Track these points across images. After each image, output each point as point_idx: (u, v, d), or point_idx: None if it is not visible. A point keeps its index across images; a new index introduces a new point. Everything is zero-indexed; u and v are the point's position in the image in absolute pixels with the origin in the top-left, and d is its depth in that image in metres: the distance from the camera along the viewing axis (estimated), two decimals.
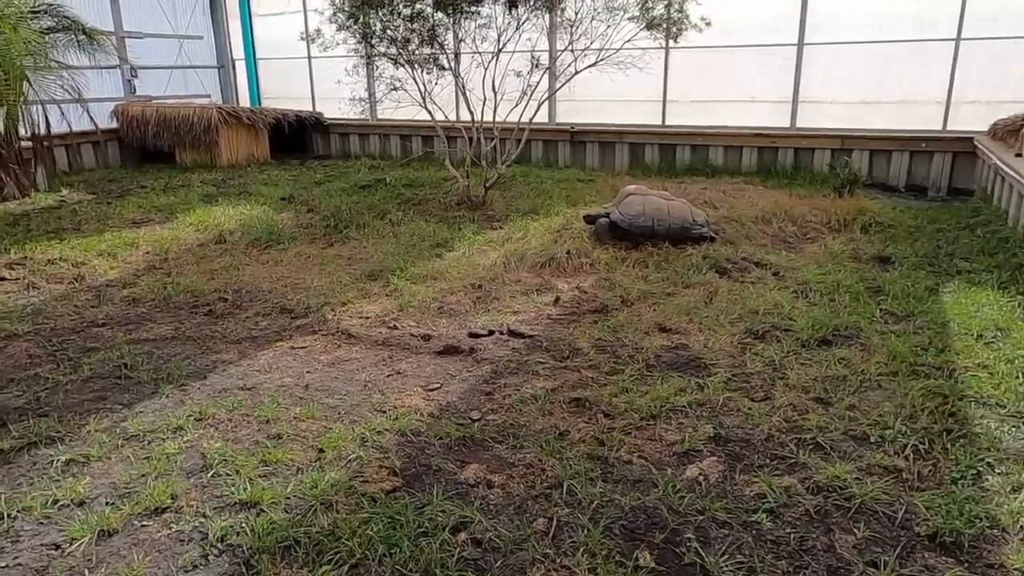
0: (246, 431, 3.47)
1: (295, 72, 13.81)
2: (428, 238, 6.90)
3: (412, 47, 8.35)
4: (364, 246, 6.81)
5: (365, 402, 3.77)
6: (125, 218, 8.16)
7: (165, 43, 13.20)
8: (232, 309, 5.25)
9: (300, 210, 8.38)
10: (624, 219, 6.04)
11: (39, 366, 4.28)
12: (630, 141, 10.74)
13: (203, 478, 3.06)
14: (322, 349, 4.50)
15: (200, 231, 7.48)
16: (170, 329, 4.87)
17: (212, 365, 4.27)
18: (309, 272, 6.06)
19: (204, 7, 13.96)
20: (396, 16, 8.21)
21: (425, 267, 5.99)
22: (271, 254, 6.64)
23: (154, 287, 5.72)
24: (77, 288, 5.82)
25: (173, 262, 6.46)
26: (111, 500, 2.92)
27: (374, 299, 5.38)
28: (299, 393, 3.88)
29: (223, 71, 14.48)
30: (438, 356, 4.37)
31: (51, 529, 2.76)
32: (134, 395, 3.89)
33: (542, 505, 2.86)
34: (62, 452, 3.29)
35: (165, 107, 12.00)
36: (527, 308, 5.11)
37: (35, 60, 7.34)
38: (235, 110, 12.03)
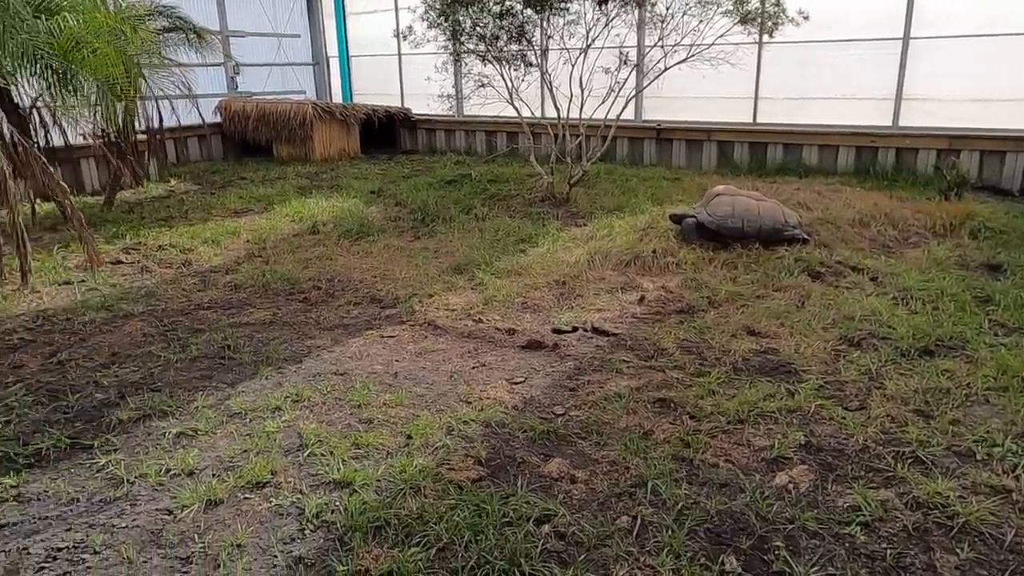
0: (339, 414, 3.63)
1: (385, 69, 14.19)
2: (512, 234, 6.97)
3: (500, 44, 8.44)
4: (450, 240, 6.95)
5: (451, 392, 3.86)
6: (227, 208, 8.62)
7: (265, 41, 13.82)
8: (325, 297, 5.47)
9: (388, 203, 8.62)
10: (712, 220, 5.92)
11: (152, 344, 4.60)
12: (719, 139, 10.48)
13: (300, 456, 3.22)
14: (410, 339, 4.64)
15: (295, 222, 7.82)
16: (268, 314, 5.13)
17: (307, 350, 4.47)
18: (397, 264, 6.24)
19: (302, 7, 14.53)
20: (485, 13, 8.31)
21: (509, 262, 6.06)
22: (361, 246, 6.87)
23: (254, 274, 6.02)
24: (185, 273, 6.20)
25: (271, 251, 6.78)
26: (217, 472, 3.12)
27: (459, 292, 5.49)
28: (388, 380, 4.01)
29: (318, 68, 15.04)
30: (522, 350, 4.42)
31: (164, 495, 2.97)
32: (236, 375, 4.12)
33: (626, 503, 2.86)
34: (173, 425, 3.53)
35: (264, 103, 12.58)
36: (611, 306, 5.09)
37: (150, 58, 7.84)
38: (329, 106, 12.48)
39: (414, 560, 2.51)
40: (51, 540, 2.71)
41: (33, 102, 7.02)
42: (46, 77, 5.10)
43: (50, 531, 2.77)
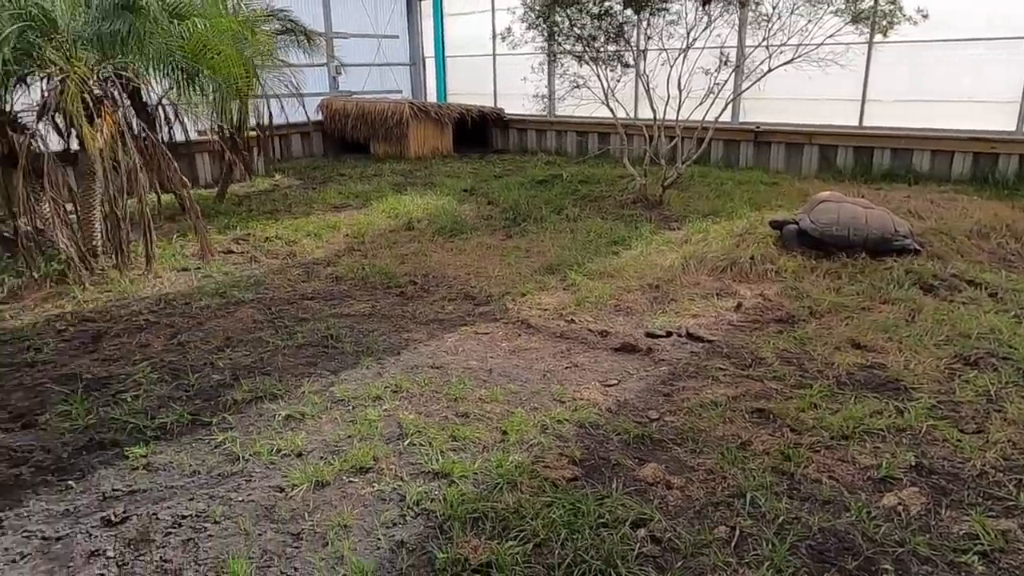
0: (436, 406, 3.73)
1: (479, 69, 14.41)
2: (604, 235, 6.95)
3: (598, 44, 8.43)
4: (541, 240, 7.00)
5: (545, 391, 3.90)
6: (327, 203, 8.98)
7: (366, 42, 14.29)
8: (421, 292, 5.63)
9: (481, 202, 8.77)
10: (815, 227, 5.71)
11: (261, 330, 4.86)
12: (820, 143, 10.08)
13: (400, 445, 3.34)
14: (503, 336, 4.71)
15: (391, 218, 8.07)
16: (367, 307, 5.33)
17: (404, 343, 4.62)
18: (490, 262, 6.34)
19: (402, 8, 14.94)
20: (584, 14, 8.32)
21: (602, 264, 6.05)
22: (455, 243, 7.02)
23: (353, 267, 6.26)
24: (289, 264, 6.52)
25: (369, 245, 7.03)
26: (323, 455, 3.28)
27: (551, 292, 5.52)
28: (483, 376, 4.09)
29: (414, 68, 15.43)
30: (615, 353, 4.41)
31: (276, 474, 3.15)
32: (339, 364, 4.31)
33: (723, 513, 2.82)
34: (282, 408, 3.73)
35: (363, 102, 13.02)
36: (706, 312, 5.01)
37: (264, 59, 8.27)
38: (424, 106, 12.79)
39: (511, 553, 2.56)
40: (176, 508, 2.93)
41: (159, 100, 7.54)
42: (174, 77, 5.48)
43: (175, 499, 2.99)
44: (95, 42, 5.06)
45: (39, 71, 5.47)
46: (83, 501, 2.99)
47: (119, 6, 4.98)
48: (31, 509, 2.95)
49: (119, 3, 4.99)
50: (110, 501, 2.99)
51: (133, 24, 4.92)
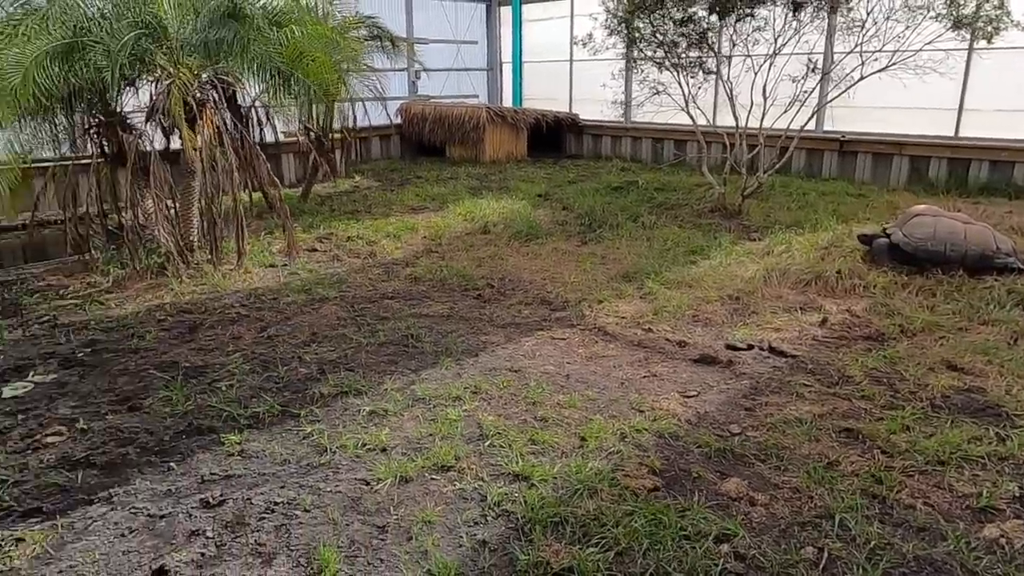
0: (515, 409, 3.77)
1: (555, 74, 14.46)
2: (682, 244, 6.86)
3: (679, 50, 8.33)
4: (617, 247, 6.96)
5: (623, 399, 3.88)
6: (405, 205, 9.19)
7: (445, 47, 14.55)
8: (497, 296, 5.69)
9: (555, 207, 8.79)
10: (909, 241, 5.47)
11: (345, 327, 5.02)
12: (911, 154, 9.66)
13: (480, 446, 3.40)
14: (580, 343, 4.72)
15: (468, 221, 8.18)
16: (445, 308, 5.43)
17: (482, 345, 4.69)
18: (565, 268, 6.35)
19: (481, 15, 15.15)
20: (667, 20, 8.24)
21: (679, 273, 5.97)
22: (530, 247, 7.07)
23: (431, 269, 6.39)
24: (370, 263, 6.70)
25: (446, 247, 7.16)
26: (406, 452, 3.36)
27: (628, 300, 5.49)
28: (560, 381, 4.11)
29: (491, 73, 15.61)
30: (694, 364, 4.35)
31: (361, 467, 3.26)
32: (419, 363, 4.41)
33: (810, 533, 2.75)
34: (366, 404, 3.85)
35: (441, 106, 13.26)
36: (789, 326, 4.88)
37: (351, 64, 8.54)
38: (501, 110, 12.92)
39: (592, 560, 2.57)
40: (269, 494, 3.06)
41: (252, 102, 7.88)
42: (270, 81, 5.73)
43: (268, 486, 3.13)
44: (201, 48, 5.36)
45: (148, 75, 5.82)
46: (183, 483, 3.17)
47: (226, 15, 5.26)
48: (137, 487, 3.15)
49: (226, 12, 5.27)
50: (208, 484, 3.15)
51: (238, 32, 5.19)
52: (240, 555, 2.69)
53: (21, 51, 4.61)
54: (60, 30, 4.86)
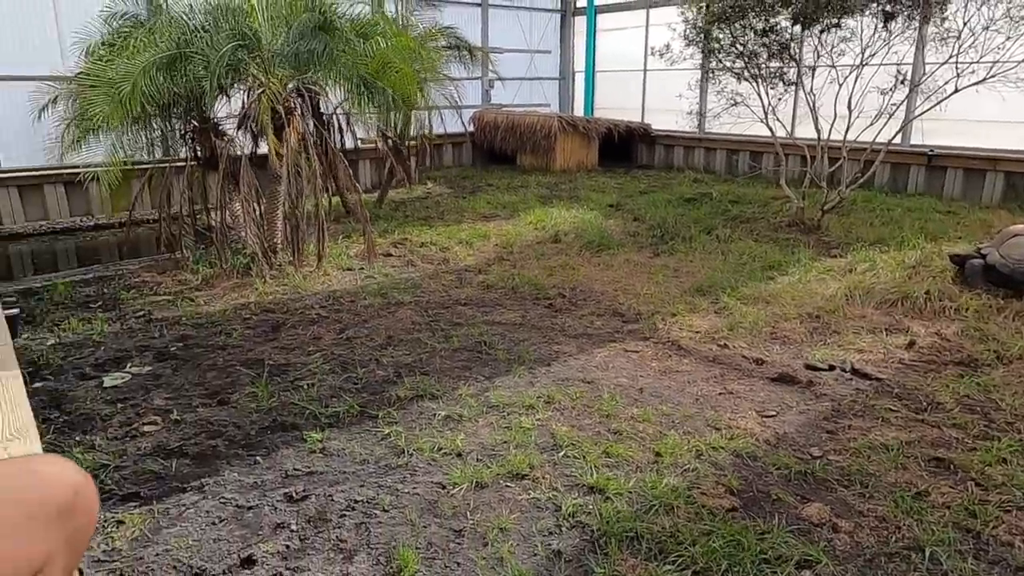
0: (588, 421, 3.77)
1: (627, 84, 14.40)
2: (758, 258, 6.71)
3: (760, 61, 8.17)
4: (690, 259, 6.87)
5: (698, 416, 3.83)
6: (477, 212, 9.31)
7: (519, 56, 14.68)
8: (569, 306, 5.70)
9: (627, 218, 8.74)
10: (1006, 263, 5.20)
11: (420, 332, 5.13)
12: (1006, 170, 9.17)
13: (554, 456, 3.41)
14: (653, 356, 4.68)
15: (539, 230, 8.23)
16: (517, 316, 5.47)
17: (554, 355, 4.70)
18: (637, 279, 6.31)
19: (555, 25, 15.23)
20: (747, 30, 8.10)
21: (756, 288, 5.85)
22: (602, 258, 7.05)
23: (503, 276, 6.45)
24: (443, 269, 6.82)
25: (517, 256, 7.21)
26: (481, 457, 3.41)
27: (702, 314, 5.41)
28: (634, 395, 4.09)
29: (563, 82, 15.66)
30: (772, 382, 4.25)
31: (437, 471, 3.32)
32: (493, 370, 4.46)
33: (898, 566, 2.65)
34: (441, 408, 3.92)
35: (513, 115, 13.39)
36: (874, 348, 4.71)
37: (428, 74, 8.73)
38: (573, 120, 12.94)
39: None
40: (349, 492, 3.15)
41: (334, 110, 8.15)
42: (354, 91, 5.93)
43: (348, 484, 3.22)
44: (291, 59, 5.59)
45: (241, 84, 6.10)
46: (269, 476, 3.30)
47: (316, 28, 5.49)
48: (226, 478, 3.29)
49: (316, 25, 5.49)
50: (292, 479, 3.27)
51: (327, 44, 5.40)
52: (322, 550, 2.78)
53: (130, 62, 4.92)
54: (166, 43, 5.18)
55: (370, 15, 6.39)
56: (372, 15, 6.42)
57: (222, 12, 5.48)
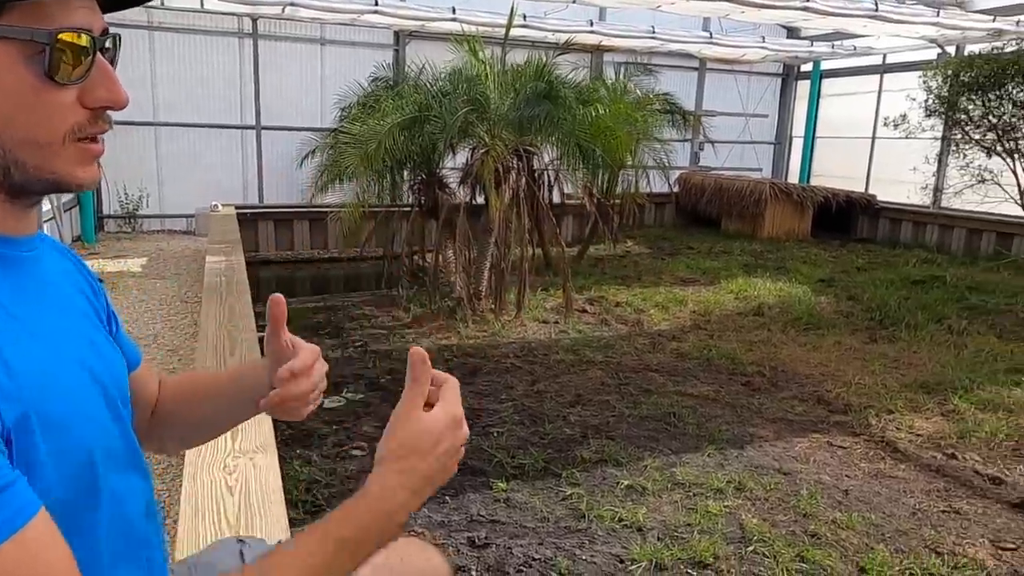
0: (782, 517, 3.51)
1: (850, 151, 13.51)
2: (1001, 358, 5.87)
3: (1018, 135, 7.28)
4: (915, 350, 6.18)
5: (914, 532, 3.40)
6: (675, 275, 9.17)
7: (733, 119, 14.40)
8: (768, 386, 5.37)
9: (840, 296, 8.11)
10: None
11: (608, 394, 5.12)
12: None
13: (741, 549, 3.21)
14: (862, 455, 4.25)
15: (740, 299, 7.90)
16: (711, 390, 5.26)
17: (748, 437, 4.45)
18: (850, 366, 5.80)
19: (776, 88, 14.78)
20: (1004, 100, 7.28)
21: (996, 393, 5.11)
22: (809, 337, 6.58)
23: (698, 346, 6.26)
24: (636, 332, 6.78)
25: (715, 325, 6.97)
26: (662, 537, 3.30)
27: (926, 415, 4.83)
28: (838, 496, 3.73)
29: (778, 147, 15.07)
30: (1012, 508, 3.66)
31: (616, 542, 3.26)
32: (680, 444, 4.32)
33: None
34: (624, 477, 3.86)
35: (721, 178, 13.10)
36: None
37: (640, 136, 8.87)
38: (787, 187, 12.37)
39: None
40: (527, 548, 3.20)
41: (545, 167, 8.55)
42: (570, 154, 6.19)
43: (527, 539, 3.28)
44: (515, 123, 6.00)
45: (467, 143, 6.64)
46: (455, 517, 3.46)
47: (541, 95, 5.86)
48: (417, 512, 3.50)
49: (541, 93, 5.87)
50: (476, 524, 3.40)
51: (550, 111, 5.73)
52: None
53: (377, 122, 5.60)
54: (410, 107, 5.83)
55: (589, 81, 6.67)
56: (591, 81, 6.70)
57: (459, 78, 6.06)
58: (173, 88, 10.10)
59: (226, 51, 10.30)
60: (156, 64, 9.95)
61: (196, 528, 1.88)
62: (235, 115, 10.50)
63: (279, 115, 10.57)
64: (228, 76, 10.36)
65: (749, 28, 11.96)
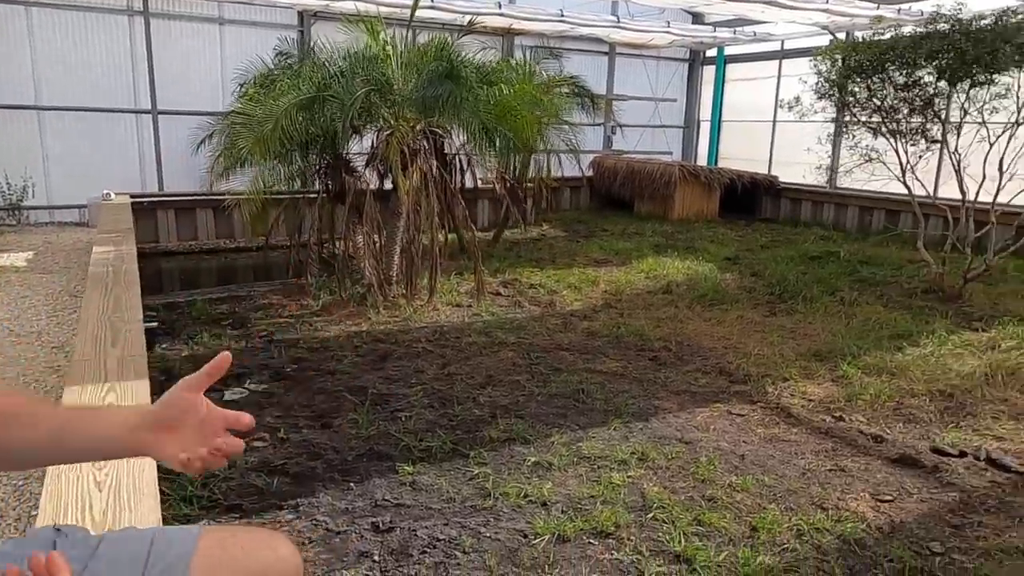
0: (682, 484, 3.62)
1: (753, 135, 14.03)
2: (886, 326, 6.25)
3: (899, 116, 7.71)
4: (810, 321, 6.51)
5: (803, 491, 3.58)
6: (589, 257, 9.31)
7: (642, 104, 14.69)
8: (674, 360, 5.53)
9: (744, 272, 8.43)
10: None
11: (519, 374, 5.15)
12: None
13: (642, 517, 3.29)
14: (759, 421, 4.44)
15: (650, 279, 8.10)
16: (619, 366, 5.37)
17: (653, 410, 4.57)
18: (750, 338, 6.04)
19: (683, 73, 15.16)
20: (887, 84, 7.69)
21: (881, 358, 5.43)
22: (714, 313, 6.82)
23: (608, 324, 6.38)
24: (549, 313, 6.84)
25: (625, 304, 7.12)
26: (566, 510, 3.34)
27: (818, 381, 5.09)
28: (734, 461, 3.88)
29: (687, 131, 15.49)
30: (891, 464, 3.91)
31: (521, 518, 3.28)
32: (588, 420, 4.39)
33: None
34: (531, 454, 3.89)
35: (633, 161, 13.37)
36: (1016, 436, 4.22)
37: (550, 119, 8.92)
38: (695, 169, 12.74)
39: None
40: (433, 530, 3.18)
41: (456, 151, 8.48)
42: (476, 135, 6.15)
43: (432, 520, 3.25)
44: (419, 104, 5.90)
45: (372, 125, 6.50)
46: (359, 503, 3.40)
47: (443, 75, 5.78)
48: (320, 500, 3.42)
49: (443, 73, 5.79)
50: (380, 509, 3.35)
51: (452, 91, 5.67)
52: None
53: (274, 103, 5.40)
54: (307, 86, 5.64)
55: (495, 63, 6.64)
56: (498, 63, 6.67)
57: (359, 59, 5.90)
58: (57, 70, 9.42)
59: (115, 29, 9.68)
60: (36, 43, 9.25)
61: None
62: (128, 99, 9.90)
63: (177, 99, 10.04)
64: (119, 57, 9.74)
65: (655, 13, 12.21)
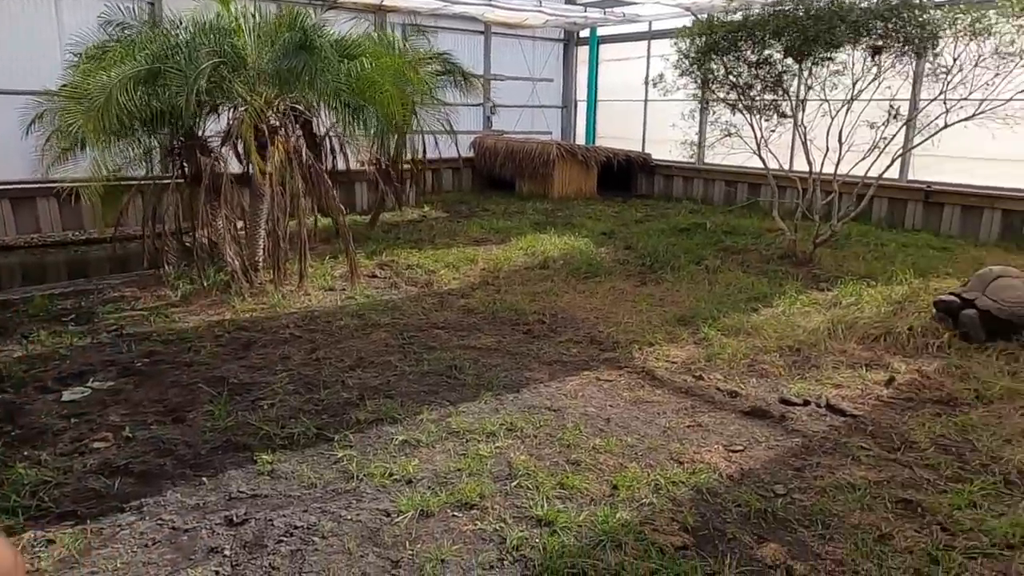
0: (549, 450, 3.67)
1: (628, 114, 14.44)
2: (745, 290, 6.62)
3: (754, 93, 8.15)
4: (677, 289, 6.78)
5: (663, 448, 3.72)
6: (469, 236, 9.27)
7: (520, 84, 14.76)
8: (548, 332, 5.61)
9: (619, 246, 8.68)
10: (1002, 308, 5.01)
11: (392, 354, 5.05)
12: (1004, 207, 9.07)
13: (507, 485, 3.30)
14: (625, 386, 4.57)
15: (528, 255, 8.17)
16: (493, 341, 5.38)
17: (525, 381, 4.61)
18: (621, 308, 6.22)
19: (558, 53, 15.34)
20: (741, 62, 8.09)
21: (738, 320, 5.75)
22: (587, 285, 6.97)
23: (484, 301, 6.38)
24: (426, 292, 6.76)
25: (503, 280, 7.14)
26: (431, 485, 3.31)
27: (681, 344, 5.31)
28: (600, 425, 3.98)
29: (565, 111, 15.73)
30: (743, 416, 4.14)
31: (384, 497, 3.21)
32: (459, 395, 4.36)
33: None
34: (400, 433, 3.82)
35: (513, 141, 13.42)
36: (852, 383, 4.59)
37: (423, 97, 8.77)
38: (572, 147, 12.96)
39: None
40: (291, 517, 3.05)
41: (326, 132, 8.17)
42: (341, 112, 5.93)
43: (291, 508, 3.12)
44: (275, 77, 5.60)
45: (227, 102, 6.12)
46: (212, 498, 3.21)
47: (298, 46, 5.51)
48: (167, 499, 3.20)
49: (298, 43, 5.51)
50: (235, 501, 3.18)
51: (307, 62, 5.41)
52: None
53: (107, 75, 4.94)
54: (143, 56, 5.20)
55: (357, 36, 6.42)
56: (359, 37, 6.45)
57: (202, 30, 5.51)
58: None
59: None
60: None
61: None
62: None
63: (8, 77, 9.06)
64: None
65: None
